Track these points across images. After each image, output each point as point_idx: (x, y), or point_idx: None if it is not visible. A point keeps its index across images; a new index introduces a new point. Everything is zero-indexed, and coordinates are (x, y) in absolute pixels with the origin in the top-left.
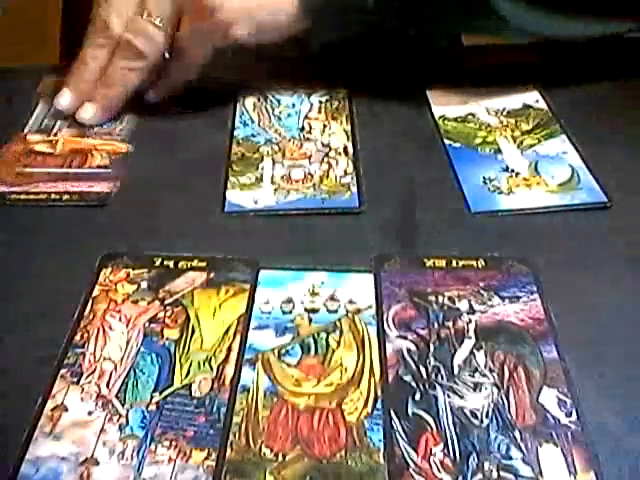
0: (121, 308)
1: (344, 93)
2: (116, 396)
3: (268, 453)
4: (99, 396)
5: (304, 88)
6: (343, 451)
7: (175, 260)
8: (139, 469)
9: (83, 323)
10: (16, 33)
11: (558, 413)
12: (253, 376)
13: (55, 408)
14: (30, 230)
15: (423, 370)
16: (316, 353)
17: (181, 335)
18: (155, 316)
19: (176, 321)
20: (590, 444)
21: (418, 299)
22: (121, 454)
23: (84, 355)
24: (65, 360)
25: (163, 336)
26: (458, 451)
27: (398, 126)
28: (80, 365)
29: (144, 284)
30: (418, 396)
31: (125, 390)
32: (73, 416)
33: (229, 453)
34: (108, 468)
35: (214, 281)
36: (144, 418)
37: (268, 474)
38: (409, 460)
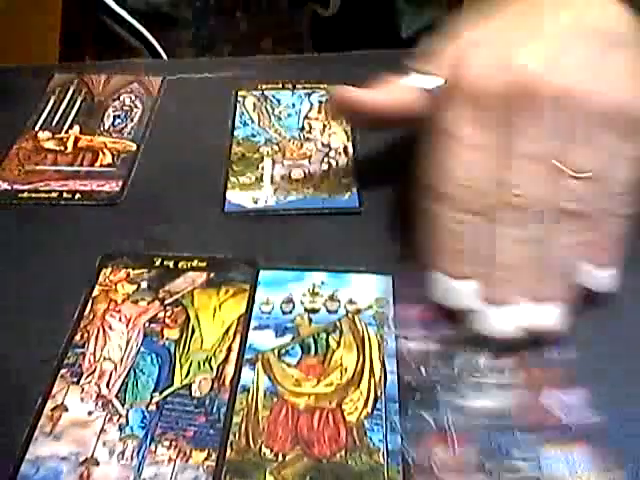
0: (121, 308)
1: None
2: (116, 396)
3: (268, 453)
4: (99, 396)
5: (304, 88)
6: (343, 451)
7: (175, 260)
8: (139, 469)
9: (83, 323)
10: (16, 33)
11: (560, 414)
12: (253, 376)
13: (55, 408)
14: (33, 228)
15: (424, 371)
16: (316, 353)
17: (181, 335)
18: (155, 316)
19: (176, 321)
20: (593, 445)
21: (428, 299)
22: (121, 454)
23: (84, 355)
24: (65, 360)
25: (163, 336)
26: (460, 451)
27: None
28: (80, 365)
29: (144, 284)
30: (419, 396)
31: (125, 390)
32: (73, 416)
33: (229, 453)
34: (108, 468)
35: (214, 281)
36: (144, 418)
37: (268, 474)
38: (410, 460)
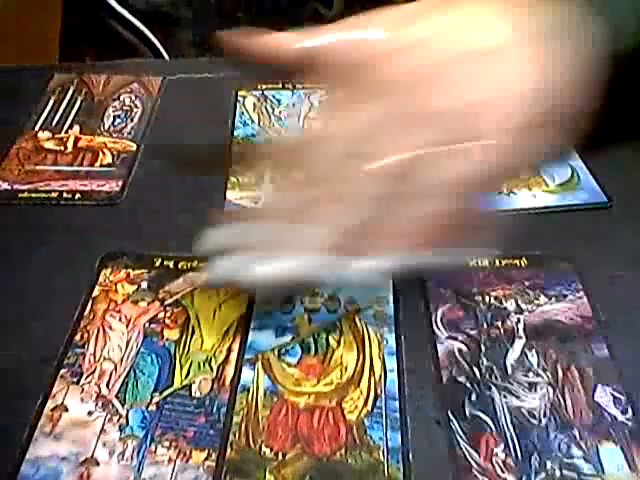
0: (121, 308)
1: None
2: (116, 396)
3: (268, 452)
4: (99, 396)
5: (304, 88)
6: (343, 449)
7: (175, 260)
8: (139, 469)
9: (83, 323)
10: (16, 33)
11: (614, 411)
12: (253, 376)
13: (55, 408)
14: (33, 228)
15: (476, 370)
16: (316, 353)
17: (181, 335)
18: (155, 316)
19: (176, 321)
20: None
21: (465, 299)
22: (121, 454)
23: (84, 355)
24: (65, 360)
25: (163, 336)
26: (519, 451)
27: None
28: (80, 365)
29: (144, 284)
30: (474, 397)
31: (125, 390)
32: (73, 416)
33: (229, 452)
34: (108, 468)
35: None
36: (144, 418)
37: (268, 473)
38: (471, 461)
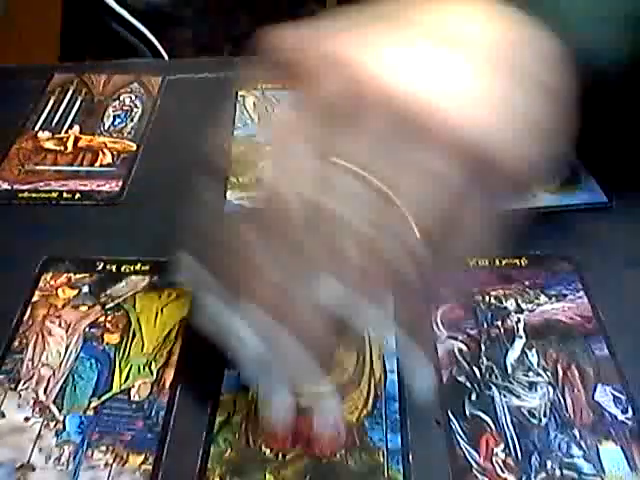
0: (61, 313)
1: None
2: (54, 402)
3: (268, 452)
4: (36, 402)
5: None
6: (343, 450)
7: (118, 264)
8: (75, 474)
9: (22, 329)
10: (16, 33)
11: (614, 410)
12: None
13: None
14: (34, 228)
15: (476, 370)
16: None
17: (122, 340)
18: (96, 321)
19: (117, 326)
20: None
21: (465, 299)
22: (57, 460)
23: (22, 361)
24: (3, 366)
25: (103, 341)
26: (519, 451)
27: None
28: (18, 371)
29: (85, 289)
30: (474, 396)
31: (63, 396)
32: (10, 422)
33: (228, 453)
34: (44, 474)
35: (157, 284)
36: (81, 423)
37: (268, 473)
38: (471, 461)
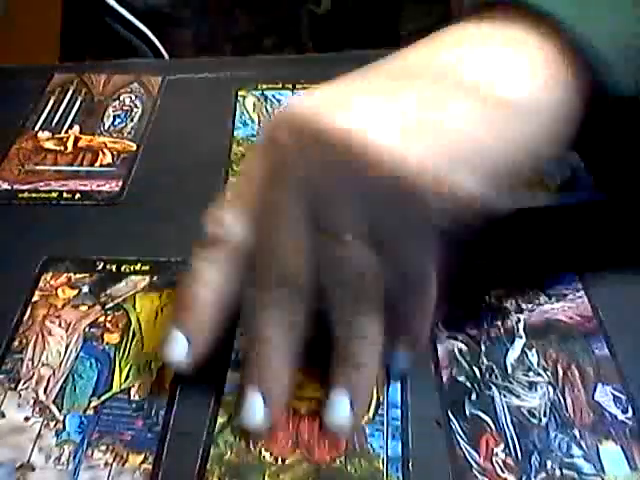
0: (61, 313)
1: None
2: (54, 402)
3: (268, 456)
4: (36, 402)
5: (304, 88)
6: (343, 457)
7: (118, 264)
8: (75, 474)
9: (22, 329)
10: (16, 33)
11: (615, 410)
12: None
13: None
14: (34, 228)
15: (476, 370)
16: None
17: (121, 339)
18: (96, 321)
19: (117, 325)
20: None
21: (465, 299)
22: (57, 459)
23: (22, 361)
24: (2, 366)
25: (103, 340)
26: (519, 451)
27: None
28: (18, 371)
29: (85, 288)
30: (474, 396)
31: (63, 396)
32: (10, 422)
33: (228, 454)
34: (44, 473)
35: (157, 284)
36: (81, 423)
37: (267, 477)
38: (471, 461)
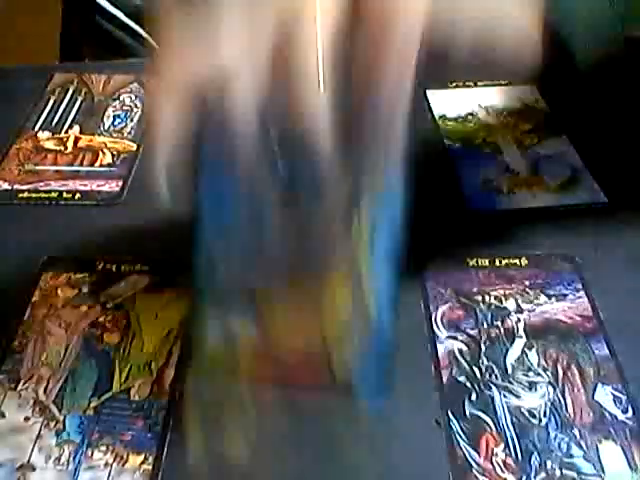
0: (61, 313)
1: None
2: (54, 402)
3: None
4: (36, 402)
5: None
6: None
7: (118, 264)
8: (75, 474)
9: (22, 329)
10: (16, 33)
11: (614, 410)
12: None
13: None
14: (34, 228)
15: (477, 370)
16: None
17: (121, 339)
18: (96, 320)
19: (117, 325)
20: None
21: (465, 299)
22: (57, 459)
23: (22, 361)
24: (2, 366)
25: (103, 341)
26: (519, 451)
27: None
28: (18, 371)
29: (85, 288)
30: (474, 397)
31: (63, 396)
32: (10, 422)
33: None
34: (44, 473)
35: (157, 284)
36: (81, 423)
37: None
38: (471, 461)
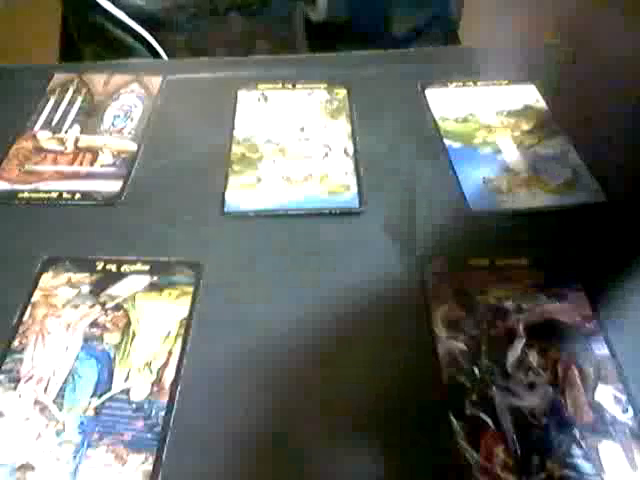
0: (61, 313)
1: (344, 93)
2: (54, 402)
3: None
4: (36, 402)
5: (304, 88)
6: None
7: (118, 264)
8: (75, 474)
9: (22, 329)
10: (16, 33)
11: (615, 410)
12: None
13: None
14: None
15: (476, 370)
16: None
17: (121, 339)
18: (96, 320)
19: (117, 325)
20: None
21: (465, 299)
22: (57, 459)
23: (22, 361)
24: (2, 366)
25: (103, 340)
26: (520, 451)
27: (398, 126)
28: (18, 371)
29: (85, 288)
30: (474, 397)
31: (63, 396)
32: (9, 422)
33: None
34: (44, 473)
35: (157, 284)
36: (81, 423)
37: None
38: (471, 461)
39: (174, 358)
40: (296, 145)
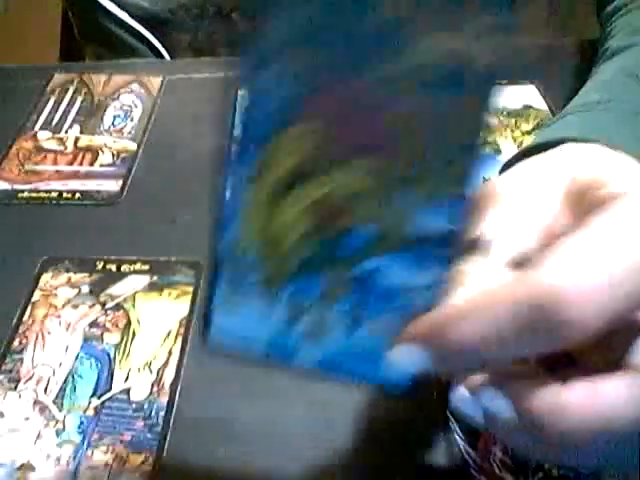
0: (61, 313)
1: None
2: (54, 402)
3: None
4: (36, 402)
5: None
6: None
7: (118, 264)
8: (75, 474)
9: (22, 329)
10: (16, 33)
11: None
12: None
13: None
14: (34, 228)
15: None
16: None
17: (121, 339)
18: (96, 320)
19: (117, 325)
20: None
21: None
22: (57, 460)
23: (22, 361)
24: (2, 366)
25: (103, 340)
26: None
27: None
28: (18, 371)
29: (85, 288)
30: None
31: (63, 396)
32: (9, 422)
33: None
34: (44, 473)
35: (157, 284)
36: (81, 423)
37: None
38: (471, 461)
39: (174, 358)
40: None
